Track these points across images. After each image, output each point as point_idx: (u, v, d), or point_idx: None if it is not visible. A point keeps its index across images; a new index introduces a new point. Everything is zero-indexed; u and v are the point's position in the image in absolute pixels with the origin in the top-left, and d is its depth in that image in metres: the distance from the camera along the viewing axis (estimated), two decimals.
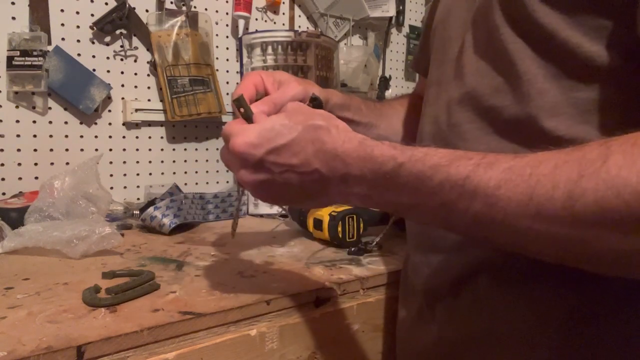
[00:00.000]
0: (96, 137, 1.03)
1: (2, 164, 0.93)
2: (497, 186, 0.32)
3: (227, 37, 1.20)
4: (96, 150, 1.03)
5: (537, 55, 0.39)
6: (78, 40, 1.00)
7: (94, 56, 1.02)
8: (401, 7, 1.52)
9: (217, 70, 1.17)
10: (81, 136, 1.01)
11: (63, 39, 0.98)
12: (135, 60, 1.07)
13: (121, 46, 1.05)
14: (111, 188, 1.03)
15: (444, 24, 0.53)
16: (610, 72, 0.36)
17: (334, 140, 0.39)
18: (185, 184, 1.14)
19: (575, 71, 0.38)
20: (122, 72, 1.05)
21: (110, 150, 1.05)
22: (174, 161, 1.14)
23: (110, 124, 1.05)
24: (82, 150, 1.01)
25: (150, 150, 1.10)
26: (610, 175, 0.27)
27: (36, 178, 0.95)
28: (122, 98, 1.06)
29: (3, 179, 0.93)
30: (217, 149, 1.20)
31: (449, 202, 0.34)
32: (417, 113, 0.59)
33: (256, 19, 1.24)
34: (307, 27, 1.34)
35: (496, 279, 0.43)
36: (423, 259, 0.52)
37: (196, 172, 1.17)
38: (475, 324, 0.45)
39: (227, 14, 1.19)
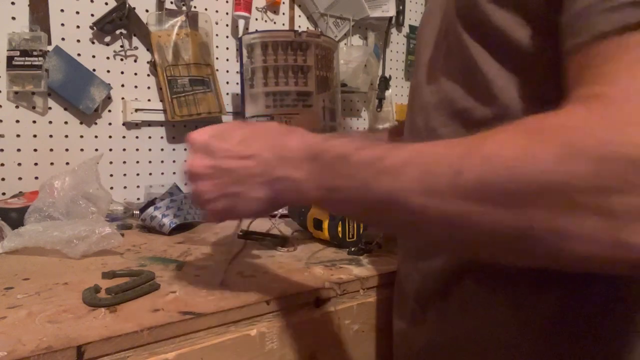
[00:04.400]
0: (96, 137, 1.03)
1: (2, 164, 0.93)
2: (403, 164, 0.33)
3: (227, 37, 1.20)
4: (96, 150, 1.03)
5: (492, 56, 0.40)
6: (78, 40, 1.00)
7: (94, 56, 1.02)
8: (401, 7, 1.52)
9: (217, 70, 1.17)
10: (81, 136, 1.01)
11: (63, 39, 0.98)
12: (135, 60, 1.07)
13: (121, 46, 1.05)
14: (111, 188, 1.03)
15: (422, 29, 0.55)
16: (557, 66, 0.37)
17: (279, 132, 0.44)
18: (186, 184, 1.14)
19: (530, 70, 0.38)
20: (122, 72, 1.05)
21: (110, 150, 1.05)
22: (174, 161, 1.14)
23: (110, 124, 1.05)
24: (82, 150, 1.01)
25: (150, 150, 1.10)
26: (490, 153, 0.28)
27: (36, 178, 0.95)
28: (122, 98, 1.06)
29: (3, 179, 0.93)
30: None
31: (360, 182, 0.35)
32: None
33: (256, 19, 1.24)
34: (307, 27, 1.34)
35: (481, 282, 0.44)
36: (413, 264, 0.52)
37: None
38: (462, 328, 0.45)
39: (227, 14, 1.19)
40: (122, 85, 1.06)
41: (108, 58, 1.04)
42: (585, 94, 0.29)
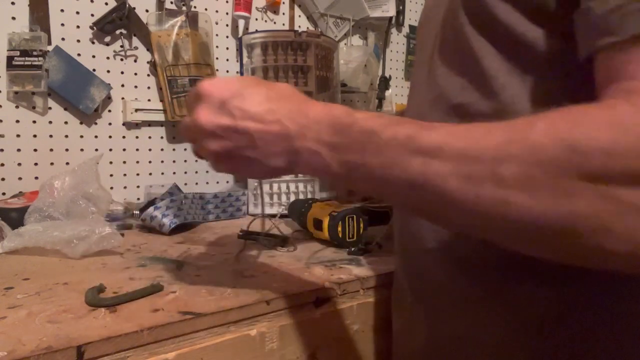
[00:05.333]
0: (96, 137, 1.03)
1: (2, 164, 0.93)
2: (437, 146, 0.31)
3: (227, 37, 1.20)
4: (96, 150, 1.03)
5: (498, 51, 0.40)
6: (78, 40, 1.00)
7: (94, 56, 1.02)
8: (401, 7, 1.52)
9: (217, 70, 1.16)
10: (81, 136, 1.01)
11: (63, 39, 0.98)
12: (135, 60, 1.07)
13: (121, 46, 1.05)
14: (111, 188, 1.03)
15: (422, 26, 0.55)
16: (567, 65, 0.37)
17: (300, 98, 0.40)
18: (185, 184, 1.14)
19: (534, 65, 0.39)
20: (122, 72, 1.05)
21: (110, 150, 1.05)
22: (174, 161, 1.14)
23: (110, 124, 1.05)
24: (82, 150, 1.01)
25: (150, 150, 1.10)
26: (532, 142, 0.28)
27: (36, 178, 0.95)
28: (122, 98, 1.06)
29: (3, 179, 0.93)
30: None
31: (392, 161, 0.33)
32: None
33: (256, 19, 1.24)
34: (307, 27, 1.34)
35: (477, 278, 0.43)
36: (408, 261, 0.52)
37: (196, 172, 1.17)
38: (458, 325, 0.45)
39: (227, 14, 1.19)
40: (122, 85, 1.06)
41: (108, 58, 1.04)
42: (626, 89, 0.29)
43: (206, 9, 1.15)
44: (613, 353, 0.38)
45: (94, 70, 1.01)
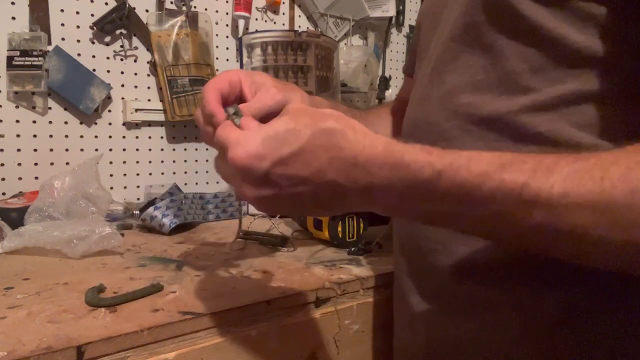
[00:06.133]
0: (96, 137, 1.03)
1: (2, 164, 0.93)
2: (564, 194, 0.28)
3: (227, 37, 1.20)
4: (96, 150, 1.03)
5: (522, 48, 0.39)
6: (78, 40, 1.00)
7: (94, 56, 1.02)
8: (401, 7, 1.52)
9: (217, 70, 1.16)
10: (81, 136, 1.01)
11: (63, 39, 0.98)
12: (135, 60, 1.07)
13: (121, 46, 1.05)
14: (111, 188, 1.03)
15: (427, 21, 0.53)
16: (597, 62, 0.36)
17: (352, 145, 0.33)
18: (185, 184, 1.14)
19: (561, 63, 0.37)
20: (122, 72, 1.05)
21: (110, 150, 1.05)
22: (174, 161, 1.14)
23: (110, 124, 1.05)
24: (82, 150, 1.01)
25: (150, 150, 1.10)
26: None
27: (36, 178, 0.95)
28: (122, 98, 1.06)
29: (3, 179, 0.93)
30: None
31: (501, 213, 0.30)
32: (402, 119, 0.56)
33: (256, 19, 1.24)
34: (307, 27, 1.34)
35: (481, 281, 0.43)
36: (412, 262, 0.51)
37: (196, 172, 1.17)
38: (461, 327, 0.45)
39: (227, 14, 1.19)
40: (122, 85, 1.06)
41: (108, 58, 1.04)
42: None
43: (206, 9, 1.15)
44: (617, 355, 0.38)
45: (94, 70, 1.01)
